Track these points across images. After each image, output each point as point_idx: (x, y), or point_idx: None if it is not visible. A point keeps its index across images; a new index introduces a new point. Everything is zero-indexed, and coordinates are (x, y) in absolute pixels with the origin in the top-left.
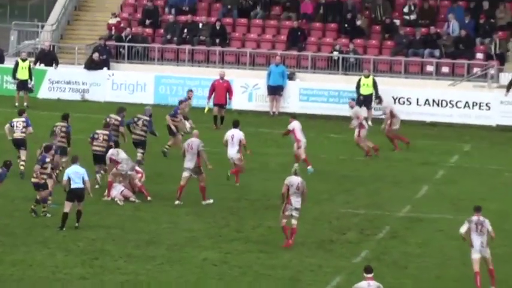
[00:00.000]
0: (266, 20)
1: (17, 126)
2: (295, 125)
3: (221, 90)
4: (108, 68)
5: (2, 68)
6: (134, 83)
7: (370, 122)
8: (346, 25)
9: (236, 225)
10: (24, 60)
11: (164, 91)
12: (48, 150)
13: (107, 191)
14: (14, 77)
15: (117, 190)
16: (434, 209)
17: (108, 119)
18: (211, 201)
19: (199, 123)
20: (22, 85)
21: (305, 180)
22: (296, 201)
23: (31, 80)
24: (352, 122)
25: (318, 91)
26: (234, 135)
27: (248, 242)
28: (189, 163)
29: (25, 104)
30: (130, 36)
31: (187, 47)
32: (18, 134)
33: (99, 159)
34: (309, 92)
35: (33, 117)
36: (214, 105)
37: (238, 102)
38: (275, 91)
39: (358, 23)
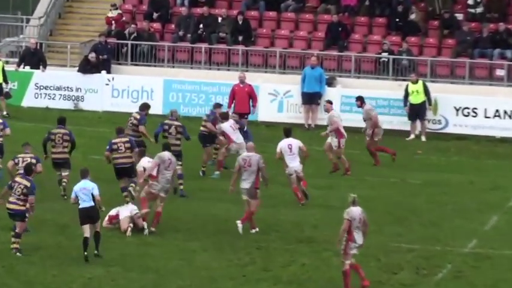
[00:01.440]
0: (300, 13)
1: None
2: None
3: (242, 97)
4: (108, 71)
5: None
6: (139, 89)
7: (424, 137)
8: (397, 20)
9: (263, 262)
10: None
11: (175, 99)
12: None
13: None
14: None
15: (129, 210)
16: (506, 244)
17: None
18: (257, 229)
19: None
20: None
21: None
22: (359, 236)
23: (6, 83)
24: (327, 128)
25: (365, 99)
26: (292, 144)
27: (278, 283)
28: (246, 183)
29: (4, 112)
30: (134, 33)
31: (204, 45)
32: None
33: (125, 172)
34: (352, 101)
35: (17, 130)
36: (235, 114)
37: (266, 112)
38: (311, 99)
39: (412, 17)
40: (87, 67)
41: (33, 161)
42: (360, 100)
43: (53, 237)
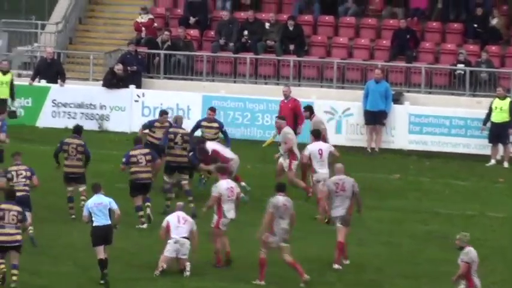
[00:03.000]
0: (361, 17)
1: None
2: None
3: (286, 114)
4: (138, 86)
5: None
6: (173, 107)
7: (506, 163)
8: (475, 25)
9: None
10: (4, 72)
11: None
12: None
13: None
14: None
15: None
16: None
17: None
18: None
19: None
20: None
21: None
22: (478, 282)
23: (13, 99)
24: (279, 148)
25: (436, 119)
26: (322, 149)
27: None
28: (340, 210)
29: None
30: (168, 41)
31: (249, 56)
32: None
33: (144, 189)
34: (422, 121)
35: (31, 153)
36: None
37: None
38: (375, 119)
39: (493, 22)
40: (112, 81)
41: (28, 173)
42: (309, 110)
43: (72, 279)
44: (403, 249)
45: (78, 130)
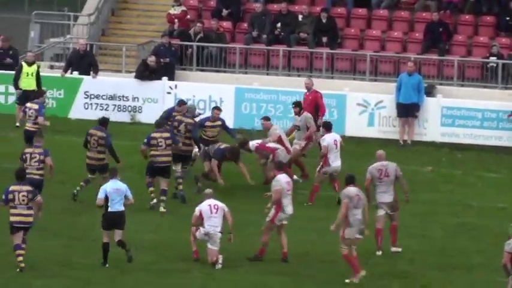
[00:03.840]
0: (394, 10)
1: (29, 115)
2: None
3: (307, 106)
4: (171, 78)
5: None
6: (206, 99)
7: None
8: (507, 18)
9: None
10: (30, 63)
11: (249, 110)
12: None
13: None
14: (16, 86)
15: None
16: None
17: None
18: (400, 249)
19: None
20: (26, 98)
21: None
22: None
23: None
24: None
25: (468, 111)
26: (337, 140)
27: None
28: (387, 196)
29: (17, 123)
30: (201, 33)
31: (282, 48)
32: (30, 125)
33: (163, 172)
34: (455, 113)
35: (63, 145)
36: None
37: (354, 126)
38: (407, 111)
39: None
40: (145, 73)
41: (41, 157)
42: (298, 106)
43: (104, 271)
44: (435, 241)
45: (103, 122)
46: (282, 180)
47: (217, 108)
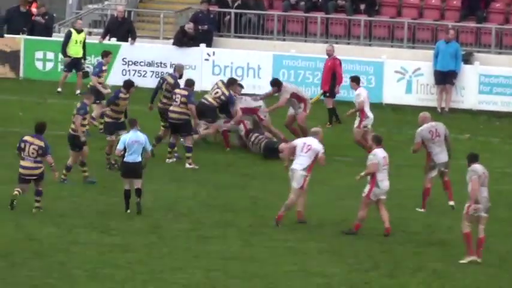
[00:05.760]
0: None
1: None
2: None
3: (324, 72)
4: (209, 45)
5: (52, 43)
6: (244, 66)
7: None
8: None
9: (388, 267)
10: (79, 31)
11: (286, 77)
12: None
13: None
14: (64, 53)
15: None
16: None
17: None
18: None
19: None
20: (74, 65)
21: None
22: None
23: (84, 59)
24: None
25: (506, 79)
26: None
27: None
28: (443, 156)
29: (77, 91)
30: (239, 0)
31: (320, 15)
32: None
33: (176, 128)
34: (492, 81)
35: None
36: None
37: (392, 93)
38: (445, 79)
39: None
40: (183, 39)
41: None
42: (277, 85)
43: (142, 238)
44: None
45: (126, 85)
46: (379, 154)
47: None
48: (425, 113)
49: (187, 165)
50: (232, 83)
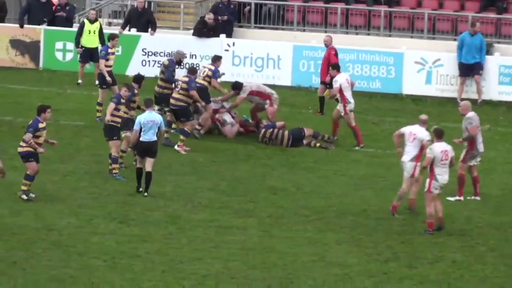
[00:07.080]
0: None
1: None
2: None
3: (322, 63)
4: (229, 35)
5: (72, 33)
6: (264, 57)
7: None
8: None
9: (407, 258)
10: (92, 21)
11: (306, 68)
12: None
13: None
14: (78, 44)
15: None
16: None
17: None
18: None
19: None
20: (89, 55)
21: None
22: None
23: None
24: None
25: None
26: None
27: (424, 282)
28: (482, 145)
29: (96, 82)
30: None
31: (340, 5)
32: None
33: (175, 114)
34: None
35: None
36: None
37: (412, 84)
38: (471, 71)
39: None
40: (203, 30)
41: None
42: (238, 88)
43: (161, 228)
44: (492, 199)
45: (136, 79)
46: (436, 149)
47: None
48: (466, 102)
49: (176, 147)
50: (217, 59)
